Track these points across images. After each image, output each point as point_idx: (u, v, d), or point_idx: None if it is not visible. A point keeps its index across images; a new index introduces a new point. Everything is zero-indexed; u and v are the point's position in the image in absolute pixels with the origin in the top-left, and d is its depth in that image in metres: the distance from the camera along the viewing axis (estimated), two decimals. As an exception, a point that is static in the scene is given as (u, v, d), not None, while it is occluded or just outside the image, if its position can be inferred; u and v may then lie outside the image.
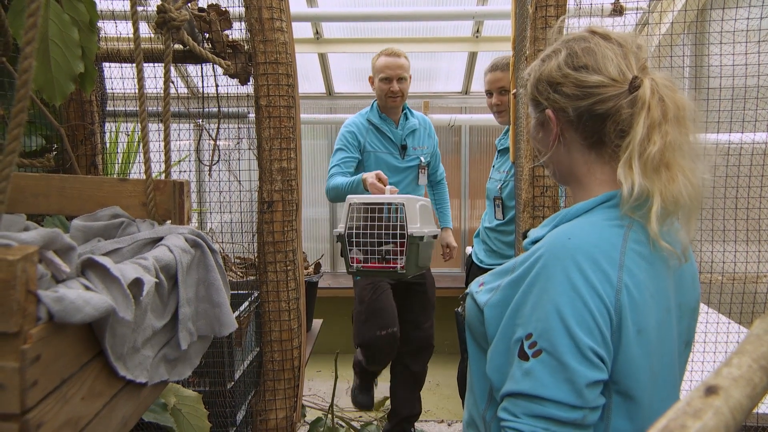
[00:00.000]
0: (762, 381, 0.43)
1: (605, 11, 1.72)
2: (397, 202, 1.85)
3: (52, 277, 0.66)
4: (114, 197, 1.04)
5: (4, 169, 0.65)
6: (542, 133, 1.04)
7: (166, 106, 1.11)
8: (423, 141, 2.95)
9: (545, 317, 0.85)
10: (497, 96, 2.58)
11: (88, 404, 0.72)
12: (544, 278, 0.87)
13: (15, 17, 1.04)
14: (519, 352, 0.87)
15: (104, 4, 1.72)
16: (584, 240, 0.89)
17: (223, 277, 1.01)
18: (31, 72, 0.65)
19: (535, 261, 0.89)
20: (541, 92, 1.01)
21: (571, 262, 0.86)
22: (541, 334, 0.85)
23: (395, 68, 2.74)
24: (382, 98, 2.80)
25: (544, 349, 0.84)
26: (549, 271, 0.87)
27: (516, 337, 0.88)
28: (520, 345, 0.87)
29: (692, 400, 0.39)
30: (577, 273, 0.86)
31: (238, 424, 1.80)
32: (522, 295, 0.89)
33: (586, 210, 0.96)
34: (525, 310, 0.88)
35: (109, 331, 0.73)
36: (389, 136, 2.81)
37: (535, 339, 0.86)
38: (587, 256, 0.86)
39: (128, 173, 2.65)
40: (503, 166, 2.64)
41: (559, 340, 0.84)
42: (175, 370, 0.94)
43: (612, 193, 0.96)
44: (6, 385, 0.58)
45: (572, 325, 0.84)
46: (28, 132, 1.63)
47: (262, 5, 1.60)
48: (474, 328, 1.01)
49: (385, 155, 2.80)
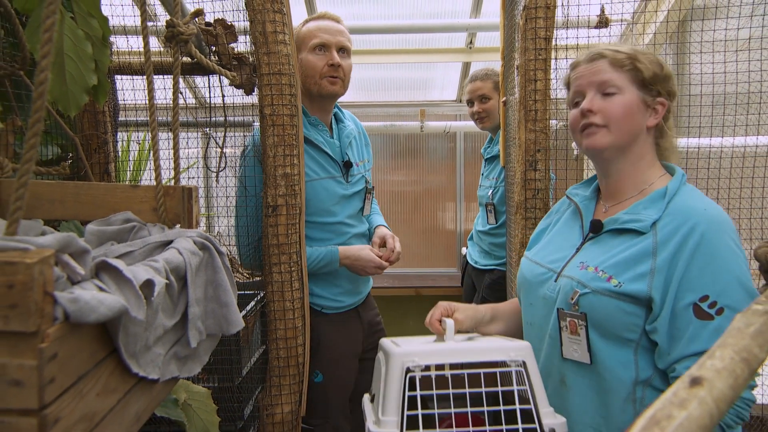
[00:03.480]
0: (743, 372, 0.43)
1: (592, 23, 1.73)
2: (512, 359, 0.98)
3: (67, 279, 0.66)
4: (126, 203, 1.04)
5: (22, 177, 0.65)
6: (640, 112, 1.14)
7: (175, 115, 1.11)
8: (363, 152, 1.98)
9: (720, 279, 0.97)
10: (478, 104, 2.59)
11: (102, 400, 0.72)
12: (707, 246, 0.99)
13: (32, 33, 1.04)
14: (696, 314, 0.97)
15: (116, 20, 1.72)
16: (720, 212, 1.04)
17: (230, 278, 1.01)
18: (47, 84, 0.65)
19: (688, 233, 1.00)
20: (663, 83, 1.14)
21: (728, 230, 1.01)
22: (720, 293, 0.96)
23: (335, 33, 1.77)
24: (314, 81, 1.75)
25: (727, 306, 0.96)
26: (712, 240, 0.99)
27: (686, 302, 0.98)
28: (693, 308, 0.97)
29: (678, 390, 0.39)
30: (734, 239, 1.01)
31: (246, 418, 1.80)
32: (684, 264, 0.99)
33: (679, 185, 1.10)
34: (689, 277, 0.99)
35: (122, 330, 0.73)
36: (326, 150, 1.81)
37: (715, 299, 0.96)
38: (730, 224, 1.03)
39: (139, 180, 2.64)
40: (492, 173, 2.65)
41: (739, 296, 0.96)
42: (186, 367, 0.94)
43: (681, 171, 1.14)
44: (25, 381, 0.58)
45: (745, 281, 0.97)
46: (45, 141, 1.63)
47: (265, 19, 1.60)
48: (607, 320, 1.05)
49: (327, 182, 1.80)
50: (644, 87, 1.13)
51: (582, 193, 1.27)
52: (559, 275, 1.16)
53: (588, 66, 1.15)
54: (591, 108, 1.13)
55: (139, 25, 1.05)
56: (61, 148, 1.68)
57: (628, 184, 1.16)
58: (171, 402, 1.55)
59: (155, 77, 1.40)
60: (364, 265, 1.78)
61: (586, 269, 1.10)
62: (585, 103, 1.14)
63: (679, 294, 0.99)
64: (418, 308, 4.16)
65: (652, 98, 1.13)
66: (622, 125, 1.11)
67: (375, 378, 1.20)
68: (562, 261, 1.18)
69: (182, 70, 1.66)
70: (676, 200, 1.07)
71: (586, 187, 1.29)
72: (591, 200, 1.24)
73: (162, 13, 2.01)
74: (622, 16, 1.73)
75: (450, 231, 4.21)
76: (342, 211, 1.83)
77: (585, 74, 1.16)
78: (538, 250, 1.28)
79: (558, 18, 1.64)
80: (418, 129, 4.01)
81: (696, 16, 2.00)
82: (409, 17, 3.54)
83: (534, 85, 1.65)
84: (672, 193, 1.08)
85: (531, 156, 1.68)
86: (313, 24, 1.80)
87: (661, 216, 1.06)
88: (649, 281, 1.02)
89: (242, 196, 1.72)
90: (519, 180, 1.72)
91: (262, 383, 1.76)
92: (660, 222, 1.05)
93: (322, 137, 1.83)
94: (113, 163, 1.84)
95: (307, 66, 1.76)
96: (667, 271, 1.01)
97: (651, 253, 1.03)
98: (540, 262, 1.23)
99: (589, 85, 1.15)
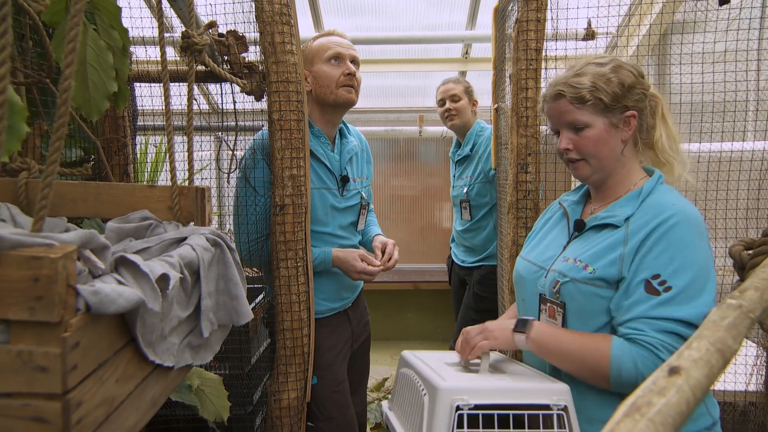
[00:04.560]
0: (718, 362, 0.43)
1: (579, 35, 1.73)
2: (554, 403, 0.98)
3: (89, 273, 0.66)
4: (144, 202, 1.04)
5: (47, 178, 0.65)
6: (612, 136, 1.14)
7: (190, 120, 1.11)
8: (362, 169, 1.92)
9: (675, 263, 1.01)
10: (450, 102, 2.62)
11: (121, 385, 0.72)
12: (672, 235, 1.03)
13: (58, 44, 1.04)
14: (647, 288, 1.02)
15: (136, 31, 1.72)
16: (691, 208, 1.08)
17: (240, 273, 1.01)
18: (70, 91, 0.65)
19: (659, 223, 1.04)
20: (627, 96, 1.13)
21: (696, 225, 1.05)
22: (671, 275, 1.01)
23: (347, 46, 1.75)
24: (330, 91, 1.70)
25: (675, 286, 1.00)
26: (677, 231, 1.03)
27: (640, 278, 1.03)
28: (645, 283, 1.02)
29: (657, 379, 0.39)
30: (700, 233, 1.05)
31: (255, 403, 1.80)
32: (647, 248, 1.04)
33: (654, 185, 1.13)
34: (648, 258, 1.03)
35: (140, 321, 0.73)
36: (324, 162, 1.75)
37: (665, 279, 1.01)
38: (699, 220, 1.06)
39: (156, 180, 2.65)
40: (464, 173, 2.65)
41: (689, 281, 1.00)
42: (199, 355, 0.94)
43: (659, 172, 1.16)
44: (50, 368, 0.58)
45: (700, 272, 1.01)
46: (69, 144, 1.63)
47: (274, 30, 1.60)
48: (585, 305, 1.10)
49: (322, 192, 1.75)
50: (609, 111, 1.13)
51: (571, 198, 1.31)
52: (548, 271, 1.19)
53: (553, 104, 1.17)
54: (566, 147, 1.17)
55: (157, 36, 1.05)
56: (83, 150, 1.68)
57: (613, 189, 1.19)
58: (185, 388, 1.55)
59: (171, 84, 1.40)
60: (348, 270, 1.75)
61: (567, 261, 1.15)
62: (560, 143, 1.17)
63: (636, 272, 1.04)
64: (417, 301, 4.17)
65: (620, 115, 1.13)
66: (597, 156, 1.15)
67: (400, 391, 1.22)
68: (551, 259, 1.21)
69: (196, 78, 1.66)
70: (649, 198, 1.11)
71: (575, 193, 1.32)
72: (578, 204, 1.28)
73: (178, 25, 2.01)
74: (607, 29, 1.73)
75: (446, 229, 4.21)
76: (333, 221, 1.80)
77: (553, 114, 1.18)
78: (530, 249, 1.31)
79: (548, 31, 1.64)
80: (417, 134, 4.01)
81: (676, 30, 2.00)
82: (409, 29, 3.54)
83: (525, 93, 1.65)
84: (647, 193, 1.11)
85: (522, 159, 1.68)
86: (324, 39, 1.76)
87: (635, 212, 1.09)
88: (618, 266, 1.06)
89: (244, 196, 1.70)
90: (511, 182, 1.72)
91: (269, 371, 1.76)
92: (633, 217, 1.09)
93: (323, 149, 1.77)
94: (132, 164, 1.84)
95: (322, 76, 1.72)
96: (634, 255, 1.05)
97: (622, 242, 1.07)
98: (533, 261, 1.26)
99: (558, 124, 1.18)
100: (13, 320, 0.58)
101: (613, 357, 1.01)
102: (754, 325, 0.53)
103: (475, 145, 2.64)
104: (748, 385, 1.79)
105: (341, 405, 1.81)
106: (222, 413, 1.59)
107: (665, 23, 2.31)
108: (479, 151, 2.61)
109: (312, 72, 1.74)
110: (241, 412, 1.74)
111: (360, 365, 2.02)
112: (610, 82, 1.12)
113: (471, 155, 2.64)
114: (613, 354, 1.01)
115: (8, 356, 0.58)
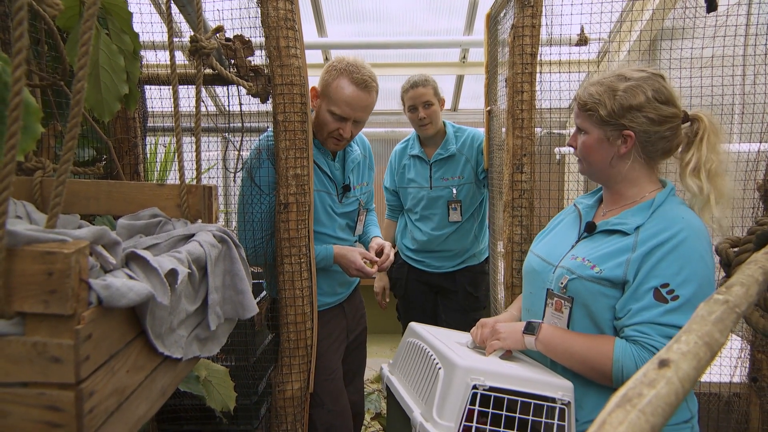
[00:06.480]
0: (706, 355, 0.43)
1: (573, 41, 1.73)
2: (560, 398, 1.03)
3: (101, 268, 0.66)
4: (153, 200, 1.04)
5: (61, 176, 0.65)
6: (603, 147, 1.18)
7: (198, 122, 1.11)
8: (364, 176, 1.95)
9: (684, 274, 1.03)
10: (423, 110, 2.30)
11: (132, 376, 0.72)
12: (683, 248, 1.05)
13: (71, 47, 1.04)
14: (655, 296, 1.04)
15: (146, 36, 1.72)
16: (699, 222, 1.10)
17: (245, 268, 1.01)
18: (83, 93, 0.65)
19: (671, 236, 1.07)
20: (627, 117, 1.13)
21: (704, 239, 1.07)
22: (680, 285, 1.03)
23: (358, 109, 1.69)
24: (320, 134, 1.75)
25: (682, 296, 1.03)
26: (687, 244, 1.05)
27: (649, 286, 1.05)
28: (654, 291, 1.04)
29: (648, 371, 0.39)
30: (706, 248, 1.06)
31: (260, 393, 1.80)
32: (658, 258, 1.06)
33: (666, 197, 1.15)
34: (658, 268, 1.05)
35: (149, 314, 0.73)
36: (326, 170, 1.80)
37: (673, 288, 1.04)
38: (706, 234, 1.08)
39: (165, 179, 2.64)
40: (447, 174, 2.40)
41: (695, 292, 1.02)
42: (206, 347, 0.94)
43: (671, 184, 1.18)
44: (63, 359, 0.58)
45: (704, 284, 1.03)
46: (81, 144, 1.63)
47: (279, 35, 1.60)
48: (590, 302, 1.13)
49: (322, 194, 1.79)
50: (605, 124, 1.15)
51: (586, 202, 1.33)
52: (556, 268, 1.22)
53: (575, 103, 1.24)
54: (571, 144, 1.25)
55: (166, 41, 1.05)
56: (96, 150, 1.68)
57: (622, 195, 1.21)
58: (193, 378, 1.55)
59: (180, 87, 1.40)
60: (347, 265, 1.76)
61: (576, 259, 1.17)
62: (569, 139, 1.26)
63: (646, 279, 1.06)
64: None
65: (616, 132, 1.15)
66: (588, 160, 1.21)
67: (403, 355, 1.27)
68: (560, 255, 1.23)
69: (204, 81, 1.66)
70: (660, 210, 1.13)
71: (591, 197, 1.35)
72: (592, 208, 1.30)
73: (187, 30, 2.00)
74: (599, 35, 1.72)
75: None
76: (332, 223, 1.83)
77: (574, 112, 1.24)
78: (542, 245, 1.33)
79: (543, 36, 1.64)
80: (416, 135, 3.99)
81: (665, 36, 1.99)
82: (409, 34, 3.54)
83: (521, 96, 1.65)
84: (658, 204, 1.14)
85: (518, 160, 1.68)
86: (346, 85, 1.65)
87: (645, 222, 1.12)
88: (624, 269, 1.09)
89: (249, 195, 1.70)
90: (507, 182, 1.72)
91: (274, 363, 1.76)
92: (643, 226, 1.12)
93: (324, 159, 1.79)
94: (142, 164, 1.84)
95: (320, 118, 1.72)
96: (641, 262, 1.07)
97: (630, 249, 1.10)
98: (543, 257, 1.28)
99: (575, 121, 1.25)
100: (28, 313, 0.58)
101: (616, 358, 1.06)
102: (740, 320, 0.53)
103: (462, 146, 2.40)
104: (733, 377, 1.79)
105: (333, 393, 1.82)
106: (228, 403, 1.59)
107: (655, 29, 2.30)
108: (465, 152, 2.39)
109: (319, 100, 1.73)
110: (246, 402, 1.74)
111: (356, 356, 2.03)
112: (614, 99, 1.13)
113: (456, 156, 2.39)
114: (615, 355, 1.06)
115: (24, 347, 0.58)
